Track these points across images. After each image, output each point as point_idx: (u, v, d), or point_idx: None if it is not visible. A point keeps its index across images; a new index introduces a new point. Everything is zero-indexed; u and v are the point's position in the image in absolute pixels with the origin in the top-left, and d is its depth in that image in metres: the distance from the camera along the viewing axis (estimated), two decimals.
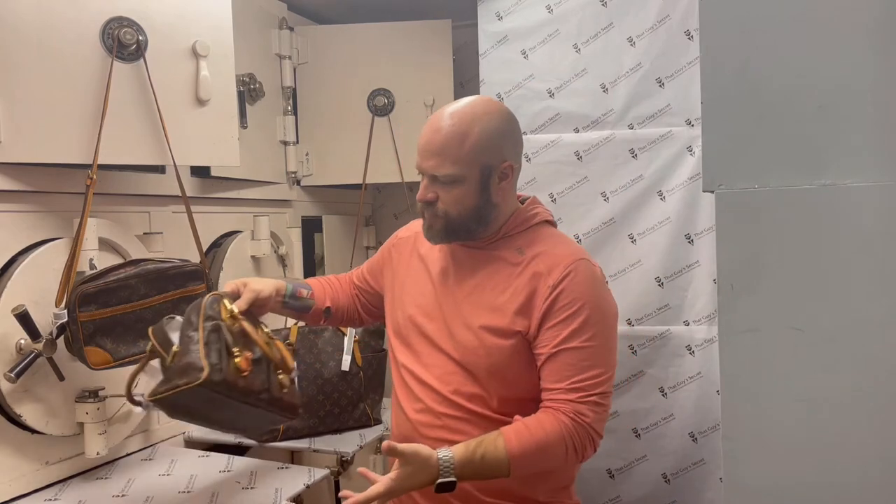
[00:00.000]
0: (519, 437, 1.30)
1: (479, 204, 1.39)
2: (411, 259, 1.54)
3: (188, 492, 1.60)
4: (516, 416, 1.35)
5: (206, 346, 1.26)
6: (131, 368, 1.45)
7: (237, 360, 1.27)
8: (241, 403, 1.28)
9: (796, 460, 1.04)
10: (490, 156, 1.37)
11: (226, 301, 1.35)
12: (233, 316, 1.33)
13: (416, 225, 1.58)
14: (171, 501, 1.55)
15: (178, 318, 1.34)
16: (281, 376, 1.36)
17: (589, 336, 1.34)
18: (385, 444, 1.27)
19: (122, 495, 1.58)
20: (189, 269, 1.64)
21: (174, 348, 1.26)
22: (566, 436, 1.31)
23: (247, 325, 1.34)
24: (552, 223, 1.50)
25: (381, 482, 1.26)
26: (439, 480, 1.25)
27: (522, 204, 1.47)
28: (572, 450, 1.32)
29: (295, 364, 1.40)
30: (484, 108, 1.39)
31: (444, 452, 1.26)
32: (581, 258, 1.39)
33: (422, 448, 1.26)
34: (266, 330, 1.41)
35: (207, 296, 1.35)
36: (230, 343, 1.28)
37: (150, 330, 1.35)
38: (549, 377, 1.36)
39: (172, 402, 1.25)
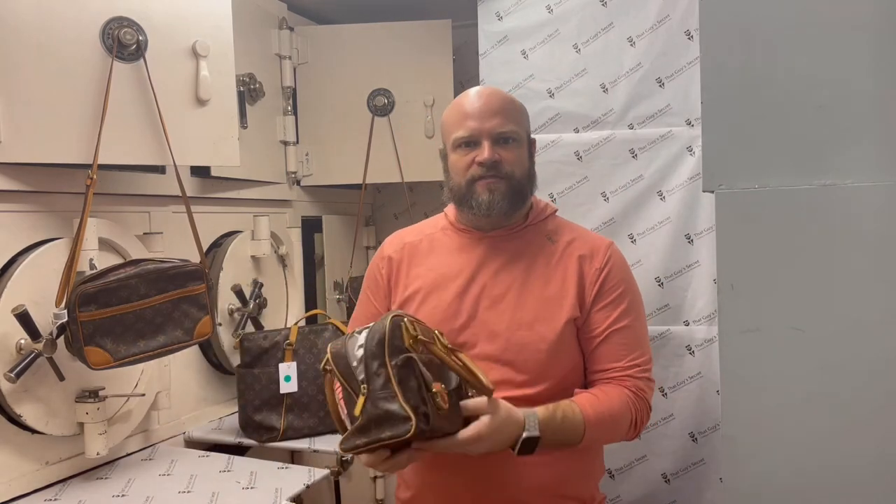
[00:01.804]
0: (592, 404, 1.32)
1: (530, 169, 1.45)
2: (411, 271, 1.49)
3: (188, 492, 1.60)
4: (576, 390, 1.38)
5: (400, 385, 1.10)
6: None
7: (437, 398, 1.12)
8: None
9: (796, 460, 1.04)
10: (528, 124, 1.47)
11: (407, 323, 1.16)
12: (415, 339, 1.15)
13: (401, 237, 1.56)
14: (171, 501, 1.55)
15: (357, 335, 1.17)
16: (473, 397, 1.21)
17: (635, 316, 1.43)
18: (468, 402, 1.19)
19: (122, 495, 1.58)
20: (189, 269, 1.64)
21: (362, 389, 1.12)
22: (630, 408, 1.36)
23: (437, 351, 1.18)
24: (556, 212, 1.54)
25: (470, 429, 1.18)
26: (525, 434, 1.22)
27: None
28: (633, 423, 1.38)
29: (491, 385, 1.21)
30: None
31: (526, 410, 1.25)
32: (612, 241, 1.48)
33: (502, 401, 1.23)
34: (445, 342, 1.23)
35: (388, 319, 1.15)
36: (428, 379, 1.12)
37: (329, 352, 1.19)
38: (605, 357, 1.39)
39: (370, 451, 1.13)
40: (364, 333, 1.17)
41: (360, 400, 1.12)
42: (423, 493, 1.43)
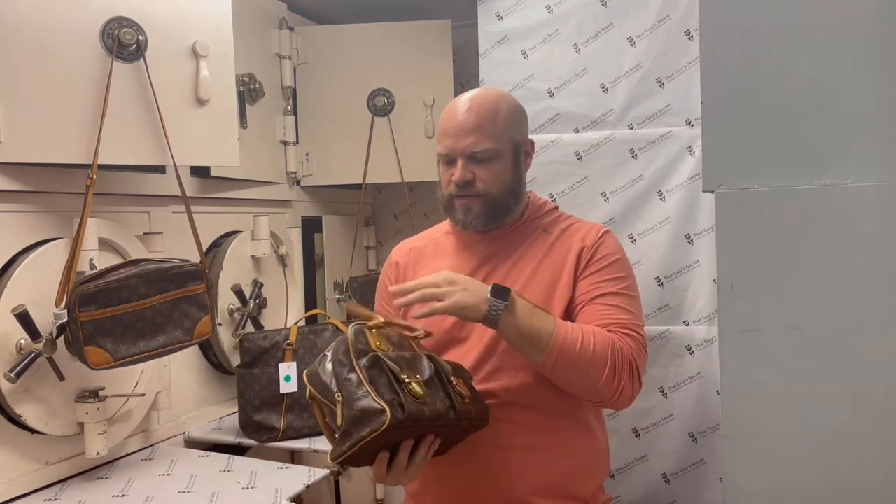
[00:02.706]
0: (568, 324, 1.30)
1: (514, 180, 1.44)
2: (418, 273, 1.50)
3: (188, 492, 1.60)
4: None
5: (371, 383, 1.14)
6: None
7: (410, 386, 1.16)
8: (430, 431, 1.20)
9: (796, 460, 1.04)
10: (517, 131, 1.44)
11: (369, 330, 1.23)
12: (381, 341, 1.22)
13: (408, 243, 1.59)
14: (171, 501, 1.55)
15: (326, 354, 1.23)
16: (456, 385, 1.25)
17: (625, 285, 1.40)
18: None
19: (122, 495, 1.58)
20: (189, 269, 1.64)
21: (337, 398, 1.15)
22: (611, 346, 1.28)
23: (393, 322, 1.27)
24: (556, 208, 1.55)
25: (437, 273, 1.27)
26: (494, 284, 1.26)
27: None
28: (611, 367, 1.27)
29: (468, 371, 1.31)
30: (497, 91, 1.48)
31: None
32: (607, 227, 1.49)
33: None
34: (418, 333, 1.32)
35: (350, 329, 1.22)
36: (396, 371, 1.17)
37: (304, 375, 1.24)
38: (592, 317, 1.34)
39: (359, 456, 1.15)
40: (331, 350, 1.21)
41: (339, 409, 1.14)
42: (427, 488, 1.44)
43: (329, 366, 1.19)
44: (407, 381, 1.16)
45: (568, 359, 1.26)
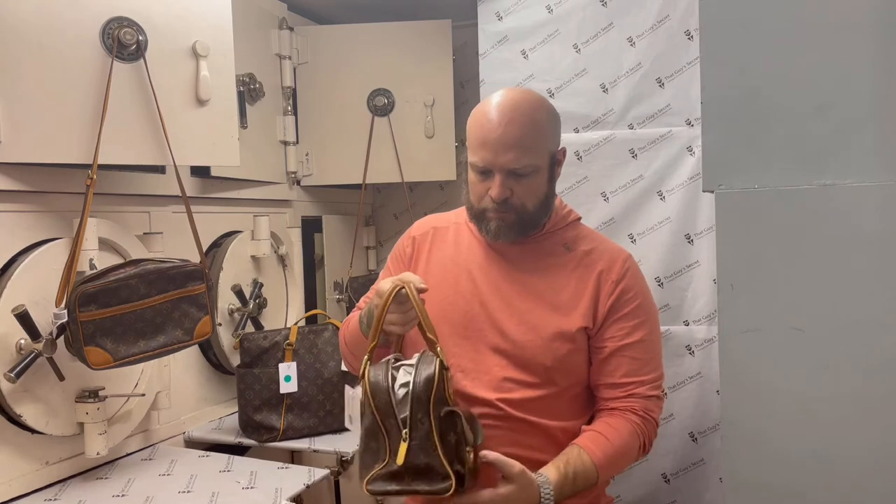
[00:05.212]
0: (601, 448, 1.32)
1: (548, 192, 1.41)
2: (432, 256, 1.50)
3: (188, 492, 1.60)
4: (583, 427, 1.39)
5: (441, 439, 1.09)
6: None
7: (469, 456, 1.12)
8: None
9: (796, 460, 1.04)
10: (553, 141, 1.41)
11: (448, 375, 1.14)
12: (454, 392, 1.15)
13: (431, 221, 1.57)
14: (171, 501, 1.55)
15: (395, 373, 1.15)
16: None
17: (648, 331, 1.42)
18: (491, 454, 1.20)
19: (122, 495, 1.58)
20: (189, 269, 1.64)
21: (404, 435, 1.10)
22: (638, 434, 1.38)
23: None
24: (579, 220, 1.52)
25: (485, 493, 1.20)
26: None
27: None
28: (642, 447, 1.38)
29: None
30: (534, 95, 1.41)
31: (541, 478, 1.24)
32: (630, 254, 1.46)
33: (525, 470, 1.22)
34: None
35: (435, 365, 1.13)
36: (467, 437, 1.12)
37: (367, 380, 1.14)
38: (615, 372, 1.39)
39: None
40: (408, 372, 1.15)
41: (403, 447, 1.10)
42: None
43: (402, 392, 1.13)
44: (469, 449, 1.12)
45: (610, 476, 1.38)
